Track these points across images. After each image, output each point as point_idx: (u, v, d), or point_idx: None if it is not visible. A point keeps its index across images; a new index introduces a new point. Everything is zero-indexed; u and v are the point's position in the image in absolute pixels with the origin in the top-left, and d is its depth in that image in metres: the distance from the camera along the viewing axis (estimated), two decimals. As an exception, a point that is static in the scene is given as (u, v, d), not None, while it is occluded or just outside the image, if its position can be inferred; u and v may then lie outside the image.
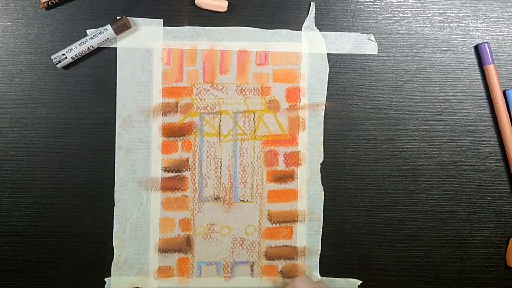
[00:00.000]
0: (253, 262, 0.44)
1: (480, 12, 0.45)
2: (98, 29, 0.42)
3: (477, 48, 0.44)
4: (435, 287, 0.45)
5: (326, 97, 0.44)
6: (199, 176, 0.44)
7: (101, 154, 0.44)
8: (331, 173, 0.44)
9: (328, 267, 0.44)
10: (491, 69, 0.44)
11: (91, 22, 0.43)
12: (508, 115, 0.44)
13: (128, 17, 0.43)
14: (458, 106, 0.45)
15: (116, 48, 0.43)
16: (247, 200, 0.44)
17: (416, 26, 0.45)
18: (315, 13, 0.44)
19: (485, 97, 0.45)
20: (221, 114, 0.44)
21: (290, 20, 0.44)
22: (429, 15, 0.45)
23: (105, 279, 0.43)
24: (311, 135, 0.44)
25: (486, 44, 0.44)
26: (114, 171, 0.43)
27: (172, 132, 0.44)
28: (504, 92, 0.44)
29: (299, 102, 0.44)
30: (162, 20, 0.44)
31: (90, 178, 0.44)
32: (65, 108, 0.44)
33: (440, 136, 0.45)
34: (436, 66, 0.45)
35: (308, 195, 0.44)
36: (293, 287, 0.40)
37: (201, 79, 0.44)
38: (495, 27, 0.45)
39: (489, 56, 0.44)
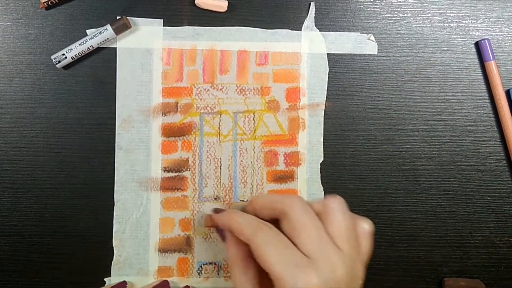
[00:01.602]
0: (253, 262, 0.44)
1: (480, 12, 0.45)
2: (98, 29, 0.42)
3: (477, 46, 0.44)
4: (435, 287, 0.45)
5: (326, 97, 0.44)
6: (199, 176, 0.44)
7: (101, 154, 0.44)
8: (331, 173, 0.44)
9: (328, 267, 0.44)
10: (492, 65, 0.44)
11: (91, 22, 0.43)
12: (510, 111, 0.44)
13: (128, 17, 0.43)
14: (458, 106, 0.45)
15: (116, 48, 0.43)
16: (247, 200, 0.44)
17: (416, 26, 0.45)
18: (315, 13, 0.44)
19: (485, 97, 0.45)
20: (221, 114, 0.44)
21: (290, 20, 0.44)
22: (429, 15, 0.45)
23: (105, 279, 0.43)
24: (311, 135, 0.44)
25: (486, 41, 0.44)
26: (114, 171, 0.43)
27: (172, 132, 0.44)
28: (507, 91, 0.44)
29: (299, 102, 0.44)
30: (162, 20, 0.44)
31: (90, 178, 0.44)
32: (65, 108, 0.44)
33: (440, 136, 0.45)
34: (436, 66, 0.45)
35: (308, 195, 0.44)
36: (324, 204, 0.35)
37: (201, 79, 0.44)
38: (495, 27, 0.45)
39: (490, 52, 0.44)
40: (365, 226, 0.36)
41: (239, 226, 0.35)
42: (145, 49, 0.44)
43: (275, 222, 0.35)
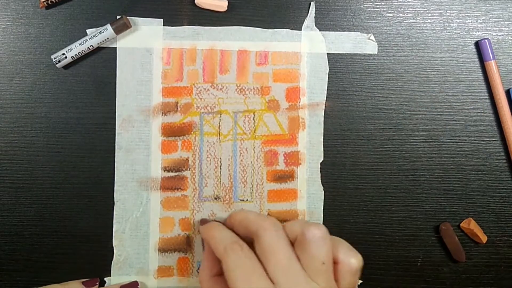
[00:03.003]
0: (253, 262, 0.44)
1: (480, 12, 0.45)
2: (98, 28, 0.42)
3: (477, 45, 0.44)
4: (435, 287, 0.45)
5: (326, 97, 0.44)
6: (199, 175, 0.44)
7: (101, 154, 0.44)
8: (331, 173, 0.44)
9: (328, 267, 0.44)
10: (492, 65, 0.44)
11: (91, 22, 0.43)
12: (510, 111, 0.44)
13: (128, 17, 0.43)
14: (458, 105, 0.45)
15: (116, 48, 0.43)
16: (247, 200, 0.44)
17: (416, 26, 0.45)
18: (315, 13, 0.44)
19: (485, 97, 0.45)
20: (221, 114, 0.44)
21: (290, 20, 0.44)
22: (429, 15, 0.45)
23: (105, 279, 0.43)
24: (311, 135, 0.44)
25: (486, 40, 0.44)
26: (114, 171, 0.43)
27: (172, 132, 0.44)
28: (507, 91, 0.44)
29: (299, 102, 0.44)
30: (162, 20, 0.44)
31: (90, 178, 0.44)
32: (65, 108, 0.44)
33: (440, 136, 0.45)
34: (436, 65, 0.45)
35: (308, 195, 0.44)
36: (302, 233, 0.33)
37: (201, 78, 0.44)
38: (495, 27, 0.45)
39: (490, 52, 0.44)
40: (353, 261, 0.33)
41: (214, 241, 0.34)
42: (145, 48, 0.44)
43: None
